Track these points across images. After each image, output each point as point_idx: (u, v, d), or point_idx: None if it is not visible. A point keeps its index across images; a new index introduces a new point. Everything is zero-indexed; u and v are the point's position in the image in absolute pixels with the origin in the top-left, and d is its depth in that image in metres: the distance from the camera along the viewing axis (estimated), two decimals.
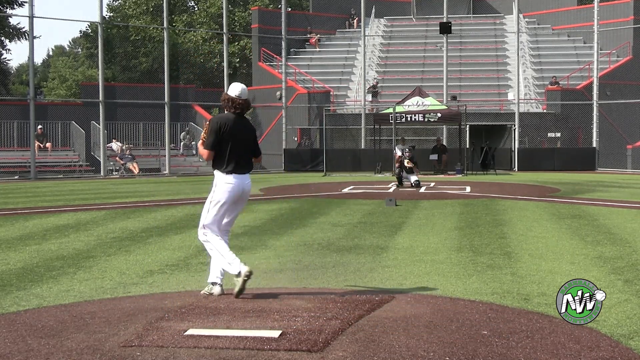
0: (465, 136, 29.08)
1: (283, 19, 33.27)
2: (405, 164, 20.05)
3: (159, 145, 31.40)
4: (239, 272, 5.81)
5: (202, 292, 6.09)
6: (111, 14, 50.44)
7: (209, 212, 6.08)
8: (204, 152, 6.14)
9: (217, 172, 6.11)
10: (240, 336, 4.66)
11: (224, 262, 5.93)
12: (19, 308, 5.69)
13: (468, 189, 18.99)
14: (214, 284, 6.02)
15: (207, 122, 6.23)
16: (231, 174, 6.05)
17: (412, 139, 29.85)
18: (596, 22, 30.97)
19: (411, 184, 19.59)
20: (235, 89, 6.19)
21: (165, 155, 30.06)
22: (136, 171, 29.09)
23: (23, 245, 9.10)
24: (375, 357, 4.30)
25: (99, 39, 29.34)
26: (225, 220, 6.17)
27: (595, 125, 30.46)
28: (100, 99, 28.51)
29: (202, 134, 6.23)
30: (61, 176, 28.08)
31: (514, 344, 4.58)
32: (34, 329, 4.98)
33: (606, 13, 33.70)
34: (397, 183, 20.20)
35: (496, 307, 5.59)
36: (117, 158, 30.01)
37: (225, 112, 6.23)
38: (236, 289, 5.83)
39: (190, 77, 46.03)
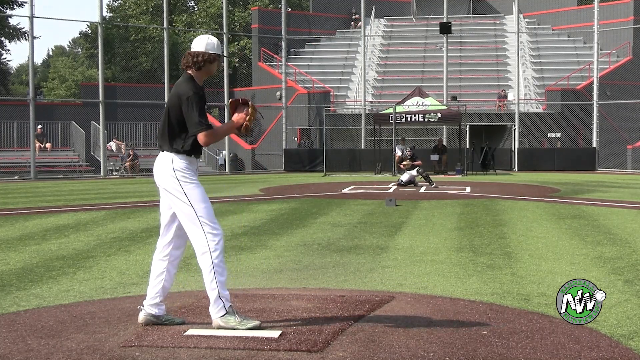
0: (465, 136, 29.08)
1: (283, 19, 33.29)
2: (401, 166, 20.11)
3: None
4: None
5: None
6: (111, 14, 50.45)
7: None
8: None
9: None
10: (240, 336, 4.66)
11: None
12: (19, 308, 5.69)
13: (468, 189, 18.98)
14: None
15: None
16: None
17: (412, 139, 29.85)
18: (596, 22, 30.98)
19: (415, 176, 19.60)
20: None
21: None
22: (129, 170, 29.01)
23: (23, 246, 9.10)
24: (375, 357, 4.30)
25: (99, 39, 29.36)
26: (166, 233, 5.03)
27: (595, 125, 30.46)
28: (100, 99, 28.52)
29: None
30: (61, 176, 28.08)
31: (514, 344, 4.58)
32: (34, 329, 4.98)
33: (606, 13, 33.71)
34: (400, 183, 20.13)
35: (496, 307, 5.59)
36: (118, 158, 30.07)
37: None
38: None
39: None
